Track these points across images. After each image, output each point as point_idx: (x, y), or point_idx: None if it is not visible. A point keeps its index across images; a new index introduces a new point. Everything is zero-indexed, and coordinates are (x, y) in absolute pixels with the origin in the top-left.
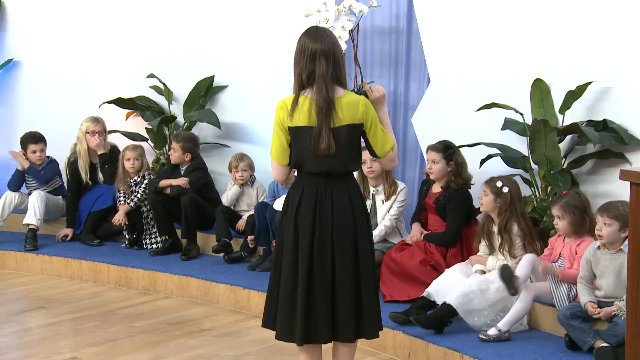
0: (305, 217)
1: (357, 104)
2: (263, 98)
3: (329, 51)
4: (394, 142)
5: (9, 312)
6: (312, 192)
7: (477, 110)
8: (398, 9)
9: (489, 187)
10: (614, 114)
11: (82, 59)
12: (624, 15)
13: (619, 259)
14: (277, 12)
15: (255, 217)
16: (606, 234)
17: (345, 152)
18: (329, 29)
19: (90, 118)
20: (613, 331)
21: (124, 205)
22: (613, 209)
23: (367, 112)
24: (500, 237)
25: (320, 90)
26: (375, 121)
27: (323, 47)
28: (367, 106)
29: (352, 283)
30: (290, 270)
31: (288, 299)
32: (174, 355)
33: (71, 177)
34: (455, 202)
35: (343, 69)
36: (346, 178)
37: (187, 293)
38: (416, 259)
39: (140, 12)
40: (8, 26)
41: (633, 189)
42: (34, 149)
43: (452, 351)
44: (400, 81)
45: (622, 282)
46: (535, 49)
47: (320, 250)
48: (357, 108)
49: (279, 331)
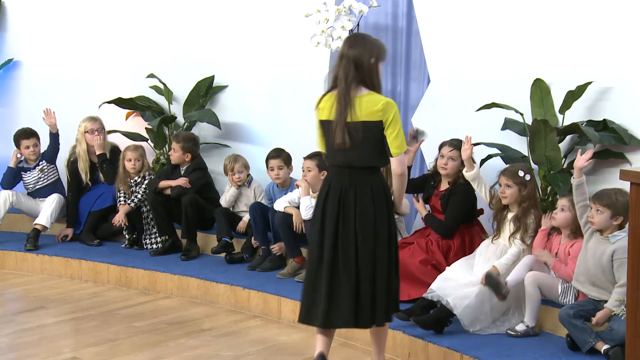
0: (331, 208)
1: (376, 103)
2: (263, 98)
3: (358, 56)
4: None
5: (9, 312)
6: (338, 184)
7: (477, 110)
8: (398, 8)
9: (510, 178)
10: (614, 114)
11: (82, 59)
12: (624, 15)
13: (603, 245)
14: (277, 12)
15: (250, 218)
16: (597, 221)
17: (364, 147)
18: (372, 37)
19: (87, 118)
20: (612, 332)
21: (124, 206)
22: (606, 197)
23: (386, 111)
24: (515, 226)
25: (340, 89)
26: (394, 121)
27: (353, 52)
28: (388, 106)
29: (370, 274)
30: (316, 259)
31: (312, 283)
32: (174, 355)
33: (71, 178)
34: (459, 197)
35: (372, 73)
36: (370, 173)
37: (187, 293)
38: (417, 258)
39: (140, 12)
40: (8, 26)
41: (633, 189)
42: (27, 144)
43: (452, 351)
44: (400, 81)
45: (599, 270)
46: (535, 49)
47: (344, 241)
48: (376, 106)
49: (300, 314)
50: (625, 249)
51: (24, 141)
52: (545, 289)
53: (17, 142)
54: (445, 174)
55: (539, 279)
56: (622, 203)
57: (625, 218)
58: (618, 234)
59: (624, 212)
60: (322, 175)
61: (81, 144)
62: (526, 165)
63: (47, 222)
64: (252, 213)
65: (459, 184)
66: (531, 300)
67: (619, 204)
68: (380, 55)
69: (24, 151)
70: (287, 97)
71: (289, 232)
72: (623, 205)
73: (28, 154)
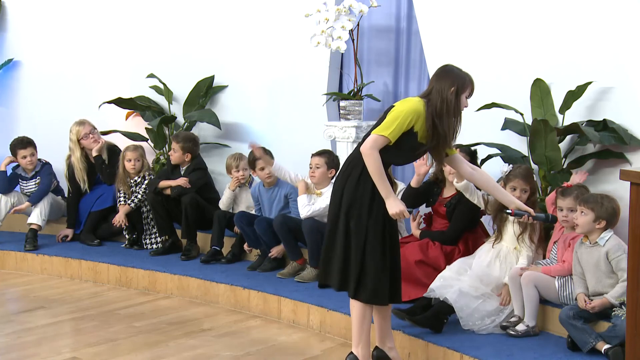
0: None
1: (407, 99)
2: (263, 98)
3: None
4: (383, 139)
5: (9, 312)
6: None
7: (477, 110)
8: (398, 9)
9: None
10: (614, 114)
11: (82, 59)
12: (624, 15)
13: (595, 252)
14: (277, 12)
15: (238, 228)
16: (580, 223)
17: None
18: (456, 69)
19: (76, 123)
20: (613, 332)
21: (124, 206)
22: (592, 200)
23: (402, 103)
24: (521, 227)
25: None
26: (396, 113)
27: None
28: (407, 101)
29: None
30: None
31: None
32: (174, 355)
33: (71, 180)
34: (464, 207)
35: (437, 96)
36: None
37: (187, 293)
38: (414, 259)
39: (140, 12)
40: (8, 26)
41: (633, 189)
42: (24, 154)
43: (452, 351)
44: (400, 81)
45: (601, 276)
46: (535, 49)
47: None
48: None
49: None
50: (617, 247)
51: (21, 151)
52: (542, 287)
53: (14, 151)
54: (452, 180)
55: (536, 278)
56: (607, 208)
57: (608, 223)
58: (604, 235)
59: (606, 217)
60: (330, 174)
61: (74, 152)
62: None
63: (39, 220)
64: (238, 224)
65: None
66: (529, 299)
67: (603, 208)
68: (462, 87)
69: (21, 161)
70: (287, 97)
71: (289, 236)
72: (607, 210)
73: (25, 164)
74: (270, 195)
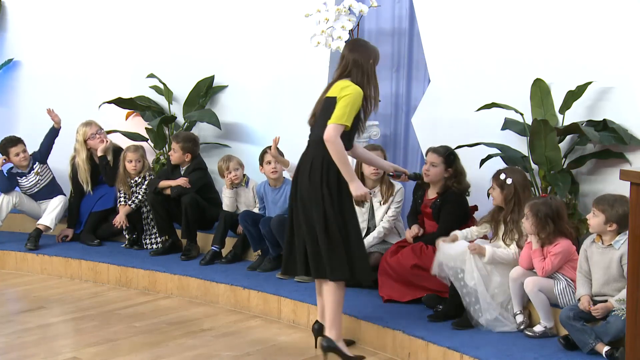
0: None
1: (342, 85)
2: (263, 98)
3: (349, 57)
4: (342, 127)
5: (9, 312)
6: (303, 157)
7: (477, 110)
8: (400, 10)
9: (495, 180)
10: (614, 114)
11: (82, 59)
12: (624, 15)
13: (608, 254)
14: (277, 12)
15: (243, 229)
16: (592, 224)
17: (320, 122)
18: (369, 43)
19: (83, 124)
20: (605, 328)
21: (125, 207)
22: (604, 201)
23: (344, 91)
24: (505, 227)
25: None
26: (347, 100)
27: (352, 55)
28: (350, 89)
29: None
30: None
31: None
32: (174, 355)
33: (74, 181)
34: (451, 206)
35: (357, 70)
36: (318, 147)
37: (187, 293)
38: (409, 263)
39: (140, 12)
40: (8, 26)
41: (633, 189)
42: (16, 152)
43: (452, 351)
44: (402, 82)
45: (610, 278)
46: (535, 49)
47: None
48: (339, 86)
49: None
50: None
51: (13, 149)
52: (547, 291)
53: (5, 151)
54: (429, 180)
55: (538, 282)
56: (617, 211)
57: (619, 226)
58: (620, 239)
59: (617, 220)
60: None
61: (80, 153)
62: (517, 169)
63: (51, 224)
64: (242, 223)
65: (450, 192)
66: (538, 303)
67: (614, 211)
68: (377, 59)
69: (14, 159)
70: (287, 97)
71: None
72: (618, 214)
73: (19, 161)
74: (276, 195)
